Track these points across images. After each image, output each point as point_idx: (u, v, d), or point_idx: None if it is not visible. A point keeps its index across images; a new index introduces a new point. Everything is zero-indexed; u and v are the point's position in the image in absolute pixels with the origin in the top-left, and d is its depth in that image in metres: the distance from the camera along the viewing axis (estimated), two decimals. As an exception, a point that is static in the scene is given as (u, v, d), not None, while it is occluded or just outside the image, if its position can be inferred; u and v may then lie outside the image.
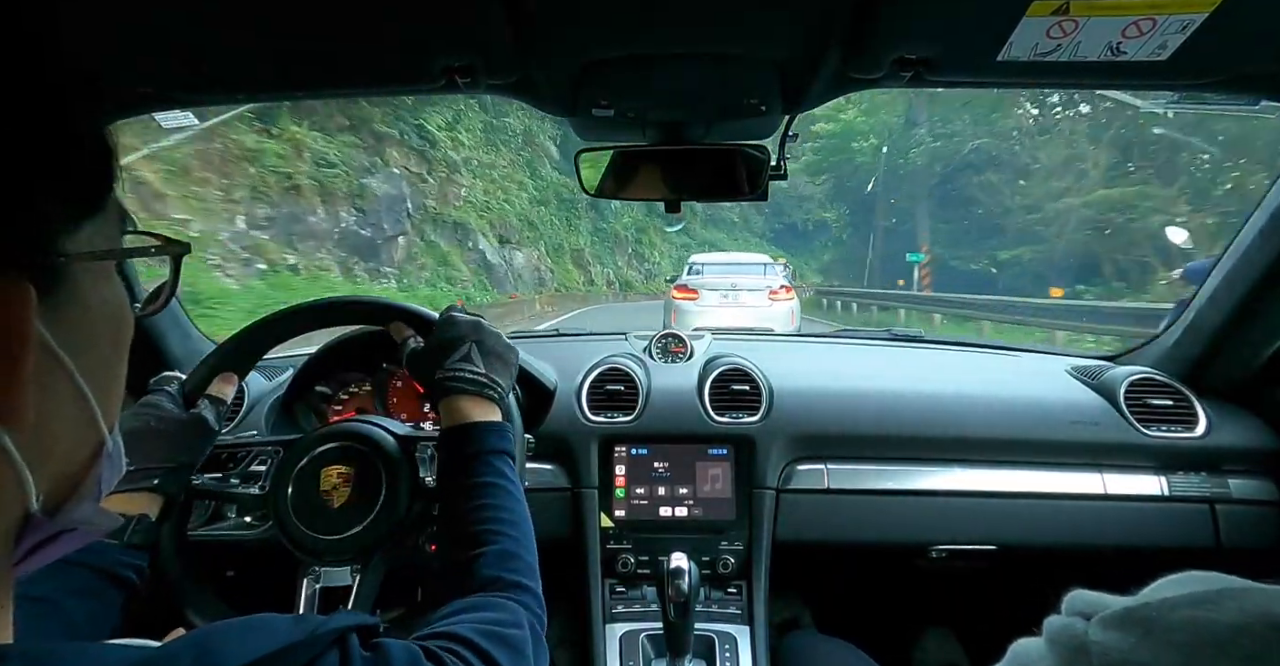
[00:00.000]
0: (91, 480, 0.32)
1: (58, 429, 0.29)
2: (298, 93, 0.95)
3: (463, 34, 0.68)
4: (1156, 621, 0.29)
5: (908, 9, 0.62)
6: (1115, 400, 1.14)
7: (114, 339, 0.32)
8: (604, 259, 22.84)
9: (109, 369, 0.32)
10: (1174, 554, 1.07)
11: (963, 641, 1.40)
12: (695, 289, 7.63)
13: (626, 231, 24.53)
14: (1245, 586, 0.29)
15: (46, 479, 0.29)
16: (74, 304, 0.29)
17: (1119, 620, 0.31)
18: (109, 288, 0.31)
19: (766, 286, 7.58)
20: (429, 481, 0.75)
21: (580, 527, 1.09)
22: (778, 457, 1.12)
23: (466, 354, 0.71)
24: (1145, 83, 0.76)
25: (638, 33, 0.69)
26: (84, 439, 0.31)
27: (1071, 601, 0.35)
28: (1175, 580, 0.33)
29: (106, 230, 0.31)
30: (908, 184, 23.34)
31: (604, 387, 1.17)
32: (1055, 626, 0.34)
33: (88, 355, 0.30)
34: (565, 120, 0.94)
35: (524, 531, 0.61)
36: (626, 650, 1.00)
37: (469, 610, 0.50)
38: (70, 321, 0.29)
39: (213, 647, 0.30)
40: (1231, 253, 1.09)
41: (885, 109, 23.43)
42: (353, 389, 1.17)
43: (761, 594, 1.06)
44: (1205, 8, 0.58)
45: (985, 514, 1.10)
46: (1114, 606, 0.32)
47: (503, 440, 0.67)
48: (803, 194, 31.23)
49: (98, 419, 0.31)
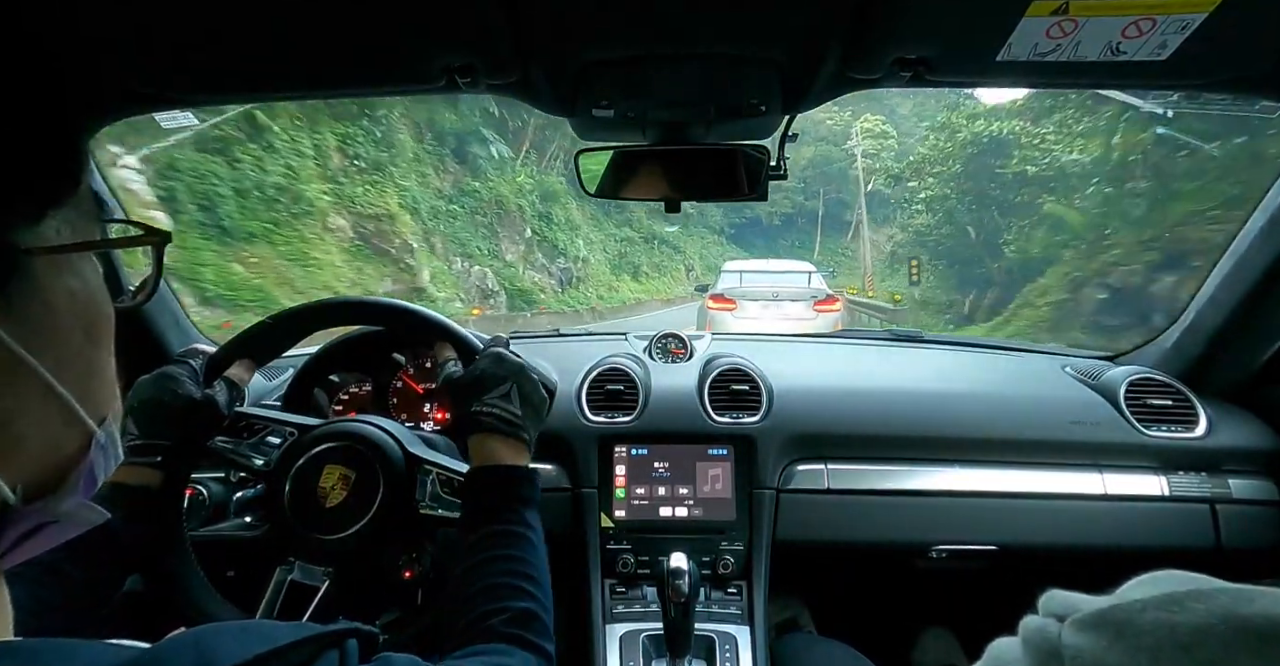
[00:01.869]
0: (78, 472, 0.31)
1: (24, 426, 0.28)
2: (298, 93, 0.95)
3: (463, 34, 0.68)
4: (1127, 624, 0.29)
5: (908, 9, 0.62)
6: (1115, 400, 1.14)
7: (88, 332, 0.31)
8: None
9: (86, 363, 0.31)
10: (1174, 554, 1.07)
11: (962, 641, 1.40)
12: (733, 299, 7.16)
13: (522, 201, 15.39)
14: (1214, 587, 0.29)
15: (21, 473, 0.28)
16: (34, 300, 0.28)
17: (1091, 623, 0.31)
18: (75, 280, 0.31)
19: (811, 296, 7.19)
20: (422, 508, 0.75)
21: (580, 527, 1.09)
22: (778, 458, 1.12)
23: (507, 393, 0.69)
24: (1145, 83, 0.76)
25: (638, 33, 0.69)
26: (63, 434, 0.30)
27: (1047, 602, 0.34)
28: (1149, 579, 0.33)
29: (76, 222, 0.30)
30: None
31: (604, 387, 1.17)
32: (1030, 628, 0.34)
33: (56, 351, 0.29)
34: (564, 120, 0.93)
35: (545, 590, 0.60)
36: (626, 650, 1.00)
37: (483, 654, 0.50)
38: (31, 318, 0.28)
39: (209, 646, 0.29)
40: (1231, 253, 1.09)
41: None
42: (353, 388, 1.17)
43: (761, 594, 1.06)
44: (1205, 8, 0.58)
45: (985, 514, 1.10)
46: (1087, 608, 0.31)
47: (534, 489, 0.66)
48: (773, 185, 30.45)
49: (78, 413, 0.30)
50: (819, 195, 33.38)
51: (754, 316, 6.93)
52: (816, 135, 30.87)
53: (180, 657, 0.28)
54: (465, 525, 0.65)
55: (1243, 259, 1.06)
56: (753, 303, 7.06)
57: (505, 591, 0.56)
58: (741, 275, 7.87)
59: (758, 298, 7.10)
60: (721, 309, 7.11)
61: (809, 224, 34.58)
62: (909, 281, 15.28)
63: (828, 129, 30.95)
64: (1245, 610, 0.26)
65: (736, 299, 7.16)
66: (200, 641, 0.30)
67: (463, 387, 0.71)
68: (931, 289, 14.77)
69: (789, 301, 7.06)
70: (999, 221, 12.49)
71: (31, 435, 0.29)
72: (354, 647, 0.35)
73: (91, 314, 0.32)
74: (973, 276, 13.05)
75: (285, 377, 1.16)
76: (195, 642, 0.30)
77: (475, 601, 0.56)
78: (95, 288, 0.32)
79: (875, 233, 44.56)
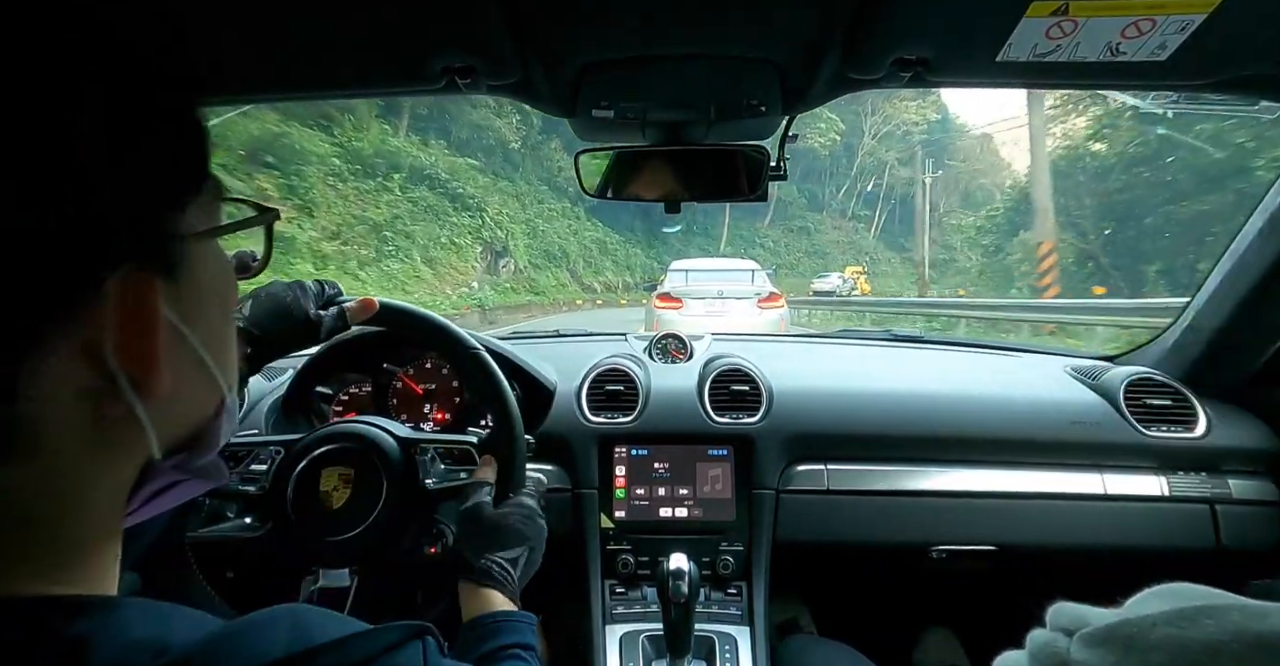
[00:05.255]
0: (213, 434, 0.34)
1: (185, 394, 0.32)
2: (298, 93, 0.95)
3: (463, 35, 0.68)
4: (1136, 639, 0.29)
5: (907, 9, 0.62)
6: (1115, 400, 1.14)
7: (223, 307, 0.35)
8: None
9: (222, 335, 0.34)
10: (1174, 554, 1.07)
11: (963, 641, 1.40)
12: (679, 297, 7.11)
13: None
14: (1226, 603, 0.29)
15: (171, 436, 0.31)
16: (190, 282, 0.30)
17: (1100, 638, 0.30)
18: (215, 260, 0.34)
19: (755, 293, 7.20)
20: (429, 484, 0.75)
21: (580, 528, 1.09)
22: (778, 458, 1.12)
23: (518, 557, 0.69)
24: (1145, 83, 0.76)
25: (637, 34, 0.69)
26: (206, 399, 0.34)
27: (1055, 615, 0.34)
28: (1158, 592, 0.33)
29: (208, 205, 0.32)
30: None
31: (604, 388, 1.17)
32: (1038, 642, 0.34)
33: (203, 325, 0.32)
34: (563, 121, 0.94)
35: None
36: (626, 650, 1.00)
37: None
38: (189, 299, 0.31)
39: (304, 621, 0.31)
40: (1231, 253, 1.09)
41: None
42: (353, 389, 1.17)
43: (762, 594, 1.06)
44: (1205, 8, 0.58)
45: (985, 514, 1.09)
46: (1096, 622, 0.31)
47: (533, 635, 0.64)
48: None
49: (218, 380, 0.34)
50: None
51: (700, 314, 6.93)
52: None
53: (277, 626, 0.30)
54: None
55: (1243, 259, 1.06)
56: (698, 301, 7.08)
57: None
58: (687, 274, 7.81)
59: (703, 296, 7.11)
60: (668, 308, 7.10)
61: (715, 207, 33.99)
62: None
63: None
64: (1258, 626, 0.26)
65: (683, 297, 7.18)
66: (296, 614, 0.31)
67: (484, 532, 0.69)
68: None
69: (733, 299, 7.09)
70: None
71: (188, 401, 0.32)
72: (434, 644, 0.36)
73: (226, 290, 0.35)
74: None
75: (285, 378, 1.16)
76: (291, 615, 0.31)
77: None
78: (227, 265, 0.35)
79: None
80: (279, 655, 0.28)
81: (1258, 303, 1.06)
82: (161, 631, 0.27)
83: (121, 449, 0.29)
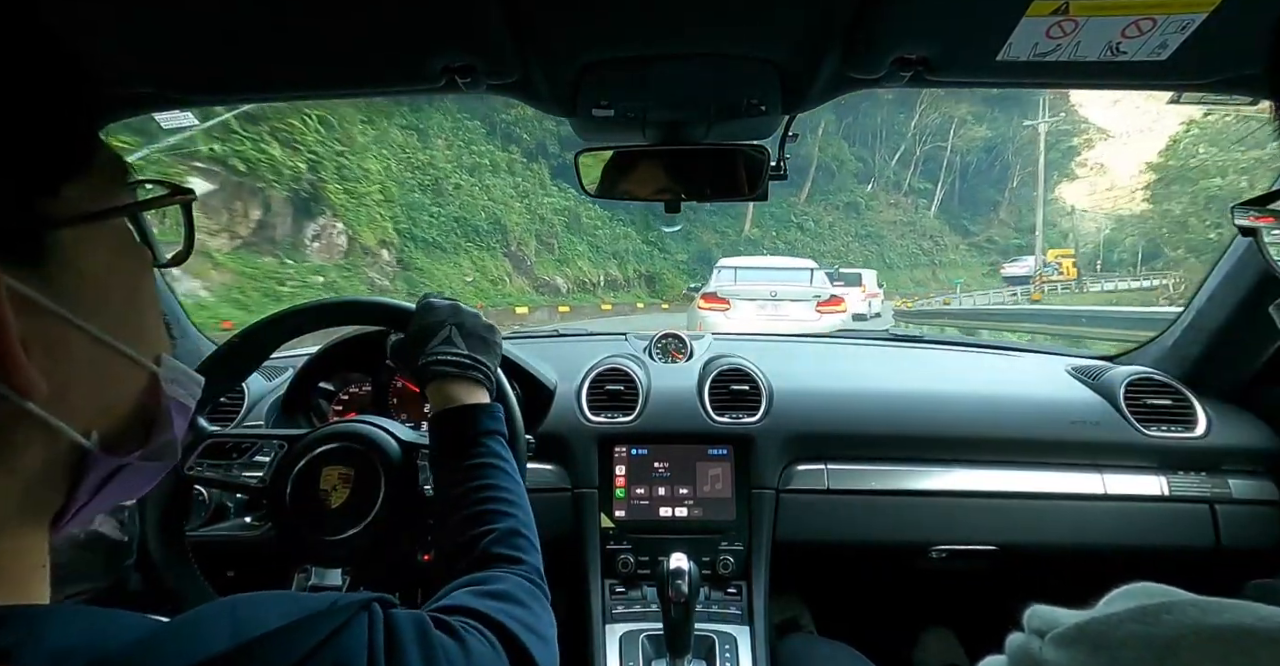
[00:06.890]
0: (160, 411, 0.33)
1: (91, 379, 0.30)
2: (297, 93, 0.95)
3: (463, 34, 0.68)
4: (1103, 637, 0.30)
5: (907, 9, 0.62)
6: (1115, 400, 1.14)
7: (127, 288, 0.33)
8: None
9: (135, 319, 0.33)
10: (1174, 554, 1.07)
11: (963, 641, 1.40)
12: (726, 298, 6.49)
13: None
14: (1186, 600, 0.30)
15: (91, 422, 0.30)
16: (68, 271, 0.28)
17: (1069, 638, 0.32)
18: (105, 248, 0.31)
19: (814, 296, 6.53)
20: (428, 491, 0.75)
21: (580, 528, 1.09)
22: (777, 458, 1.12)
23: (448, 337, 0.69)
24: (1145, 83, 0.76)
25: (637, 33, 0.69)
26: (128, 378, 0.32)
27: (1030, 618, 0.35)
28: (1125, 592, 0.34)
29: (98, 189, 0.30)
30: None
31: (604, 388, 1.17)
32: (1014, 645, 0.35)
33: (104, 314, 0.30)
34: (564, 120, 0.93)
35: (523, 508, 0.60)
36: (626, 650, 1.00)
37: (473, 583, 0.50)
38: (71, 288, 0.28)
39: (244, 613, 0.30)
40: (1231, 253, 1.09)
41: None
42: (353, 389, 1.17)
43: (761, 594, 1.06)
44: (1205, 8, 0.58)
45: (985, 514, 1.10)
46: (1066, 622, 0.32)
47: (494, 421, 0.66)
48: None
49: (137, 359, 0.32)
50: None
51: (749, 317, 6.42)
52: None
53: (217, 622, 0.29)
54: (437, 468, 0.65)
55: (1243, 258, 1.06)
56: (748, 302, 6.51)
57: (486, 516, 0.58)
58: (736, 272, 7.17)
59: (754, 297, 6.55)
60: (713, 309, 6.47)
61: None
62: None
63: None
64: (1214, 620, 0.28)
65: (730, 298, 6.56)
66: (236, 607, 0.30)
67: (405, 349, 0.71)
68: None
69: (789, 301, 6.51)
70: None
71: (95, 388, 0.30)
72: (379, 610, 0.36)
73: (132, 276, 0.33)
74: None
75: (285, 378, 1.16)
76: (231, 608, 0.30)
77: (460, 529, 0.57)
78: (132, 248, 0.33)
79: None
80: (218, 650, 0.27)
81: (1257, 303, 1.06)
82: (93, 637, 0.26)
83: (23, 448, 0.27)
